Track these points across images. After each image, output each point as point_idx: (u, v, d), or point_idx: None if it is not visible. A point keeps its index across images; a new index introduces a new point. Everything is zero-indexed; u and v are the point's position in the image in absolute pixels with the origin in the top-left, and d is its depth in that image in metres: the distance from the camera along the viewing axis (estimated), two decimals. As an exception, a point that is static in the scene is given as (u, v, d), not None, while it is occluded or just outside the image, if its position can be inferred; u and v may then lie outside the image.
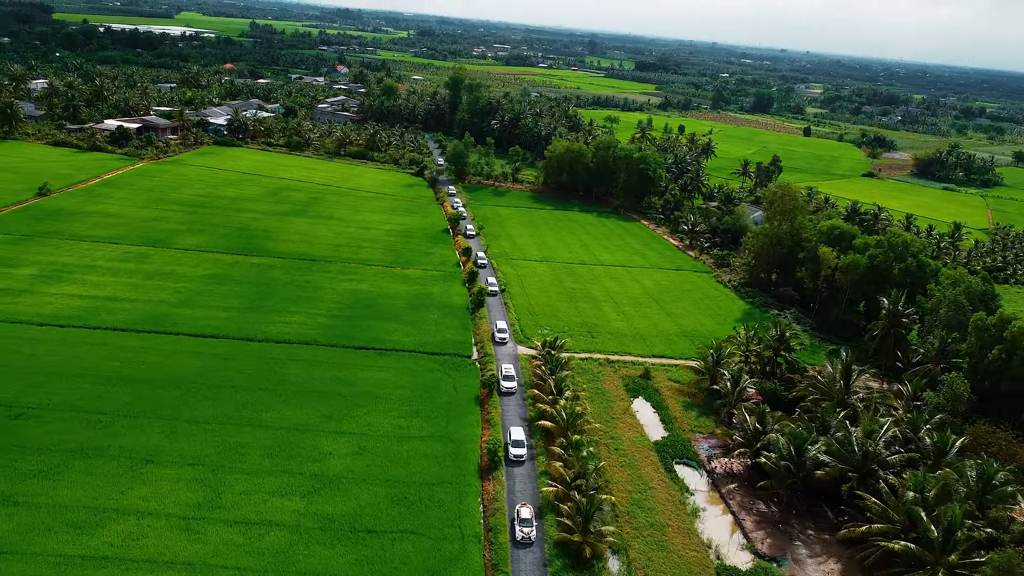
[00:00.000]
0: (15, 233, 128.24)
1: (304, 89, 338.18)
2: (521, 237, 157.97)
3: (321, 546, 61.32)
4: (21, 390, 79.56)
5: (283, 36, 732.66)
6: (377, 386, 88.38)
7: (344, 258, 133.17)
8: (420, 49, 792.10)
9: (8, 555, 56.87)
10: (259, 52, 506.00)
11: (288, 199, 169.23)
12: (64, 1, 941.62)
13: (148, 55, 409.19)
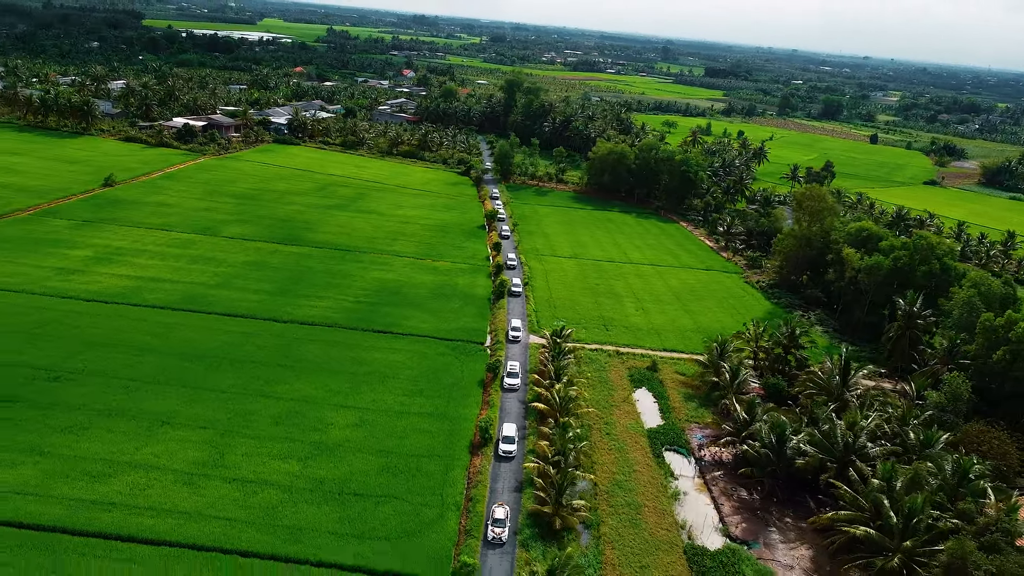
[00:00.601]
0: (78, 219, 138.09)
1: (366, 91, 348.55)
2: (555, 234, 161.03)
3: (309, 504, 65.88)
4: (62, 356, 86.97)
5: (357, 41, 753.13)
6: (387, 366, 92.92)
7: (378, 249, 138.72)
8: (489, 54, 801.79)
9: (30, 496, 63.17)
10: (330, 56, 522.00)
11: (335, 194, 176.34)
12: (156, 8, 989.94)
13: (224, 58, 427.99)
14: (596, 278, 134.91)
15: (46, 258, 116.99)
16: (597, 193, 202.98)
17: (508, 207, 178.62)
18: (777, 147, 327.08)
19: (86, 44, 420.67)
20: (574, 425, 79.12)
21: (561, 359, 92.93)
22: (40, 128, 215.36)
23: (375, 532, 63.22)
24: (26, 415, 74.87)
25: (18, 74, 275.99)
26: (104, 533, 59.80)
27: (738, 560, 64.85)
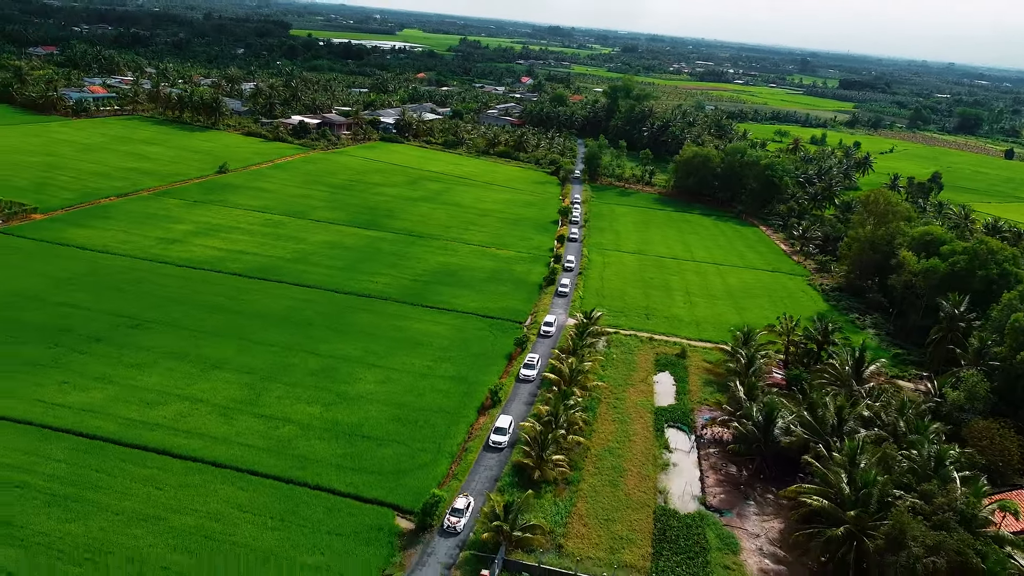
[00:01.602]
0: (189, 199, 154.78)
1: (479, 96, 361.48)
2: (625, 232, 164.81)
3: (320, 441, 74.35)
4: (144, 308, 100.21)
5: (485, 50, 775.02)
6: (424, 335, 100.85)
7: (449, 237, 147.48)
8: (616, 64, 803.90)
9: (92, 413, 74.87)
10: (454, 64, 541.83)
11: (423, 187, 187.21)
12: (305, 20, 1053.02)
13: (353, 64, 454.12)
14: (653, 273, 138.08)
15: (153, 230, 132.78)
16: (681, 196, 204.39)
17: (585, 205, 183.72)
18: (894, 159, 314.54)
19: (232, 50, 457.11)
20: (578, 394, 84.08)
21: (585, 338, 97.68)
22: (176, 122, 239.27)
23: (371, 468, 70.78)
24: (105, 352, 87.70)
25: (167, 75, 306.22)
26: (144, 446, 70.44)
27: (704, 524, 68.07)
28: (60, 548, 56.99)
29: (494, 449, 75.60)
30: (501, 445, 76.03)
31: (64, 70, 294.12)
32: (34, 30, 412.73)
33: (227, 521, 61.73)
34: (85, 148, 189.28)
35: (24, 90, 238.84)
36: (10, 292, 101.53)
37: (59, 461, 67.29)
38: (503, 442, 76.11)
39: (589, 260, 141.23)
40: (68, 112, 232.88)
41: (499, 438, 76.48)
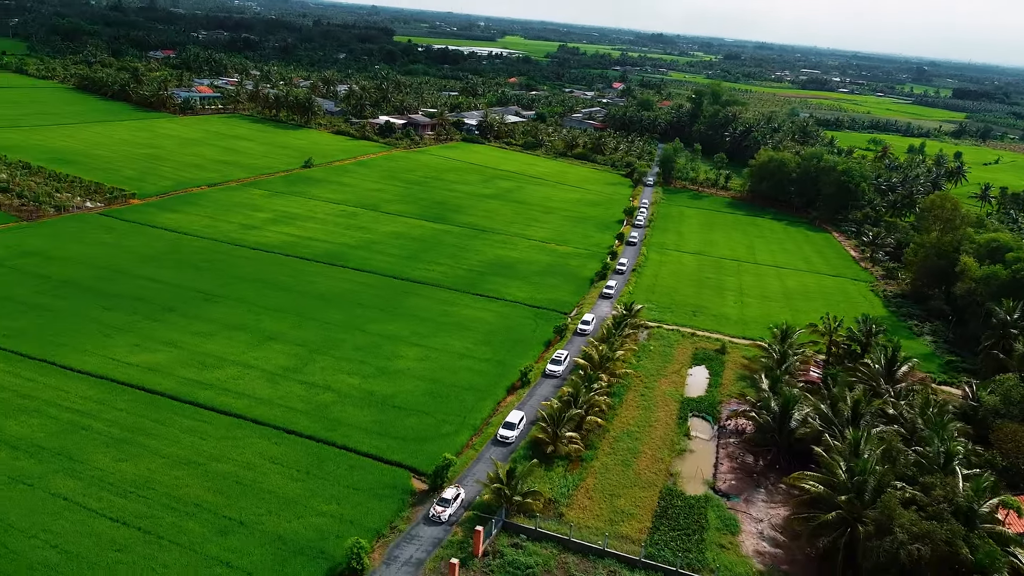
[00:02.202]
0: (272, 191, 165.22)
1: (565, 100, 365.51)
2: (688, 233, 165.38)
3: (354, 407, 79.98)
4: (216, 285, 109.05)
5: (582, 57, 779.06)
6: (469, 320, 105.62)
7: (511, 232, 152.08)
8: (715, 71, 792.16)
9: (155, 372, 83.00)
10: (548, 69, 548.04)
11: (495, 185, 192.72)
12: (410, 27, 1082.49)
13: (448, 68, 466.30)
14: (710, 273, 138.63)
15: (235, 216, 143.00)
16: (755, 200, 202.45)
17: (654, 206, 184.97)
18: (997, 171, 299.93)
19: (335, 55, 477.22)
20: (605, 380, 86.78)
21: (622, 329, 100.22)
22: (272, 120, 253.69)
23: (396, 434, 75.79)
24: (175, 320, 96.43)
25: (269, 77, 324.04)
26: (196, 402, 77.78)
27: (708, 506, 69.81)
28: (111, 482, 64.32)
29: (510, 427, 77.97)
30: (508, 440, 75.69)
31: (177, 72, 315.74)
32: (156, 35, 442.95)
33: (259, 471, 67.85)
34: (186, 142, 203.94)
35: (139, 89, 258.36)
36: (101, 266, 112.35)
37: (120, 410, 75.27)
38: (511, 437, 75.69)
39: (646, 258, 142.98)
40: (176, 110, 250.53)
41: (508, 432, 76.24)
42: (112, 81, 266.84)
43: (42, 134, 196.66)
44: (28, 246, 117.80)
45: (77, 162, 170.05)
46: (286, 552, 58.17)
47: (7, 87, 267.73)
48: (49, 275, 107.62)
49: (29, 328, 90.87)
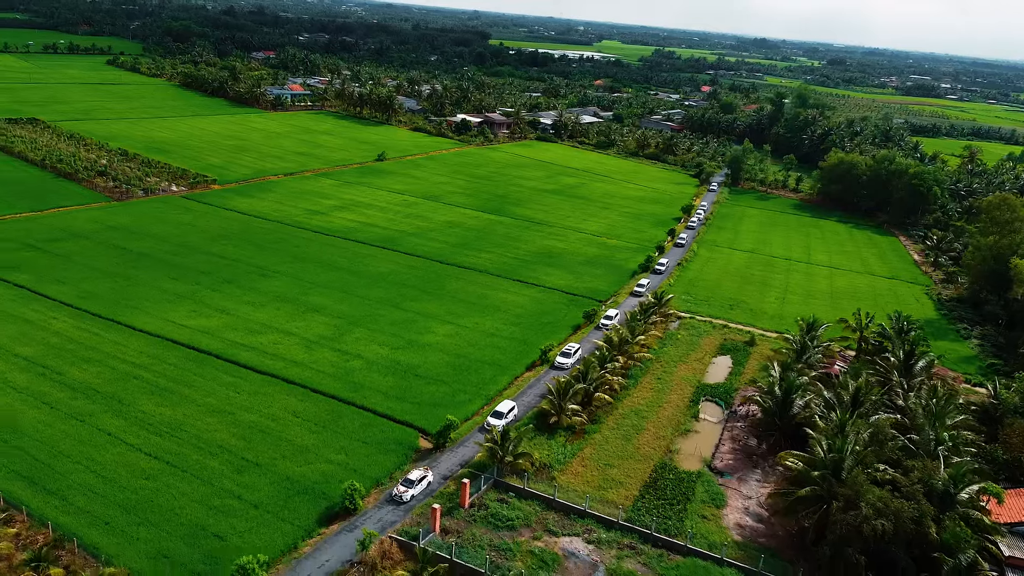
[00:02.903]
0: (342, 180, 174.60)
1: (648, 102, 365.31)
2: (745, 232, 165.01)
3: (378, 374, 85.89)
4: (274, 262, 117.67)
5: (676, 60, 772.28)
6: (504, 303, 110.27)
7: (565, 225, 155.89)
8: (815, 77, 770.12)
9: (206, 334, 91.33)
10: (637, 73, 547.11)
11: (558, 181, 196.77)
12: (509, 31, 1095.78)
13: (537, 71, 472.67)
14: (758, 270, 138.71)
15: (303, 203, 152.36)
16: (824, 203, 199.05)
17: (715, 206, 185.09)
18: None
19: (427, 57, 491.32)
20: (621, 361, 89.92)
21: (649, 316, 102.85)
22: (356, 117, 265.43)
23: (412, 399, 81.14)
24: (231, 291, 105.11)
25: (359, 77, 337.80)
26: (237, 362, 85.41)
27: (697, 481, 72.04)
28: (150, 423, 72.19)
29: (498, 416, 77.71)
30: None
31: (273, 71, 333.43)
32: (260, 37, 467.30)
33: (281, 422, 74.48)
34: (271, 135, 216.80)
35: (236, 86, 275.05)
36: (175, 242, 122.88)
37: (170, 364, 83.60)
38: (499, 425, 74.06)
39: (695, 254, 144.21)
40: (267, 106, 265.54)
41: (495, 421, 75.99)
42: (212, 79, 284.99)
43: (145, 125, 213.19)
44: (114, 222, 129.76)
45: (170, 151, 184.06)
46: (291, 491, 64.27)
47: (121, 84, 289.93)
48: (128, 248, 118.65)
49: (103, 292, 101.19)
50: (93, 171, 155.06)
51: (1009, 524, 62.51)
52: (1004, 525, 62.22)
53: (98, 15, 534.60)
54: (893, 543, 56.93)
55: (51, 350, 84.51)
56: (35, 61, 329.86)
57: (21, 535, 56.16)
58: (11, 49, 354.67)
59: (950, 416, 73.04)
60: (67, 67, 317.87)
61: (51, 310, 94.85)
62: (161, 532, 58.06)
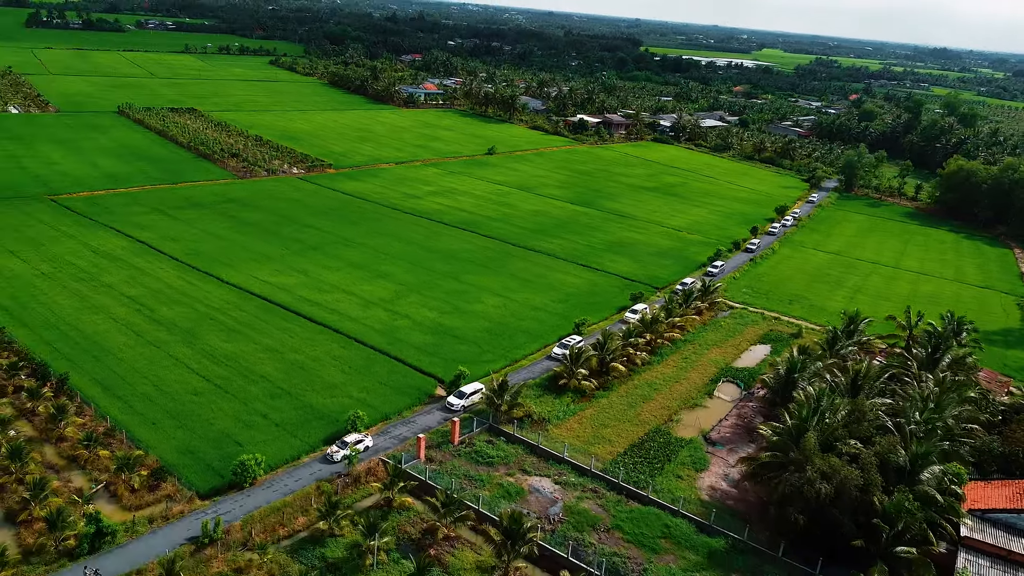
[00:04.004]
0: (447, 170, 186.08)
1: (782, 108, 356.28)
2: (839, 235, 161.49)
3: (419, 333, 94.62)
4: (359, 235, 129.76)
5: (835, 69, 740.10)
6: (558, 283, 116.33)
7: (649, 219, 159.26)
8: (990, 88, 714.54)
9: (281, 289, 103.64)
10: (782, 80, 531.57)
11: (659, 179, 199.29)
12: (667, 39, 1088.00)
13: (674, 76, 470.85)
14: (836, 271, 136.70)
15: (403, 187, 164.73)
16: (939, 212, 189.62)
17: (817, 209, 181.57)
18: None
19: (568, 62, 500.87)
20: (648, 337, 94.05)
21: (691, 302, 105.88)
22: (480, 115, 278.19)
23: (442, 355, 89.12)
24: (314, 257, 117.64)
25: (494, 79, 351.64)
26: (299, 312, 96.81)
27: (685, 446, 75.43)
28: (211, 354, 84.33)
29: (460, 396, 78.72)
30: (453, 407, 76.30)
31: (415, 71, 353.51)
32: (410, 41, 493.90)
33: (320, 363, 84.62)
34: (395, 128, 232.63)
35: (375, 85, 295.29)
36: (280, 214, 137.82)
37: (243, 311, 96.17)
38: (456, 405, 76.46)
39: (773, 251, 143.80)
40: (400, 103, 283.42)
41: (455, 400, 77.28)
42: (355, 77, 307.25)
43: (286, 117, 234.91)
44: (232, 195, 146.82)
45: (301, 139, 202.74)
46: (310, 416, 73.94)
47: (276, 81, 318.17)
48: (238, 216, 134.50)
49: (206, 250, 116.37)
50: (227, 153, 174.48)
51: (983, 510, 62.30)
52: (979, 511, 62.16)
53: (272, 21, 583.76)
54: (837, 507, 58.96)
55: (150, 292, 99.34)
56: (209, 61, 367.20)
57: (86, 425, 68.80)
58: (191, 50, 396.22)
59: (954, 406, 72.57)
60: (233, 66, 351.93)
61: (160, 262, 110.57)
62: (194, 435, 69.16)
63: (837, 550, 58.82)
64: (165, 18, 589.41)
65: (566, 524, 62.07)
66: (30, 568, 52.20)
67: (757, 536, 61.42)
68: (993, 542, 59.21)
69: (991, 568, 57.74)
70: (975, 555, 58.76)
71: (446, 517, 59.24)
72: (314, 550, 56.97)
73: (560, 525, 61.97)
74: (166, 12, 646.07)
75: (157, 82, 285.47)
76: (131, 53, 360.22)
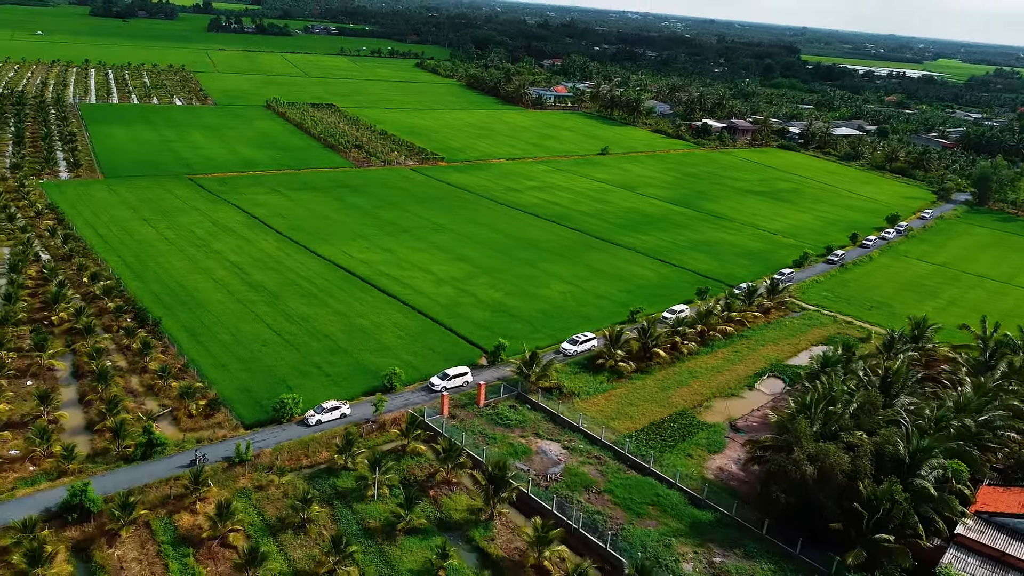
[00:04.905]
0: (555, 168, 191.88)
1: (930, 119, 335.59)
2: (950, 248, 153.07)
3: (479, 309, 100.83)
4: (451, 221, 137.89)
5: (1014, 80, 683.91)
6: (630, 275, 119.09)
7: (745, 222, 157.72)
8: None
9: (365, 263, 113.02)
10: (946, 90, 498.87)
11: (770, 185, 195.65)
12: (831, 47, 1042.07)
13: (820, 84, 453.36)
14: (933, 281, 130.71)
15: (507, 181, 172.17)
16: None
17: (937, 221, 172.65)
18: None
19: (711, 68, 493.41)
20: (699, 329, 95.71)
21: (754, 299, 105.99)
22: (605, 117, 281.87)
23: (495, 330, 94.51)
24: (403, 238, 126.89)
25: (627, 83, 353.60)
26: (374, 284, 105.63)
27: (705, 429, 77.02)
28: (288, 314, 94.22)
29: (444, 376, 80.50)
30: (435, 387, 78.45)
31: (550, 75, 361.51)
32: (553, 46, 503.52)
33: (381, 328, 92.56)
34: (515, 128, 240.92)
35: (506, 87, 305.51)
36: (382, 200, 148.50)
37: (325, 280, 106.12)
38: (438, 386, 78.46)
39: (870, 259, 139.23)
40: (528, 104, 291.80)
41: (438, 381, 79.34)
42: (489, 79, 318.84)
43: (415, 114, 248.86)
44: (346, 181, 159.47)
45: (422, 134, 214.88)
46: (357, 371, 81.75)
47: (416, 82, 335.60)
48: (345, 200, 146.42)
49: (308, 227, 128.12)
50: (351, 144, 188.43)
51: (991, 513, 60.91)
52: (986, 513, 60.88)
53: (427, 27, 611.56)
54: (823, 491, 59.70)
55: (250, 259, 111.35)
56: (359, 62, 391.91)
57: (166, 361, 79.73)
58: (346, 53, 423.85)
59: (987, 411, 70.51)
60: (380, 67, 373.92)
61: (266, 235, 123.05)
62: (254, 377, 78.57)
63: (821, 532, 59.47)
64: (330, 23, 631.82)
65: (560, 483, 66.07)
66: (94, 466, 62.46)
67: (748, 515, 62.83)
68: (990, 543, 57.94)
69: (980, 567, 56.64)
70: (966, 553, 57.75)
71: (446, 463, 64.90)
72: (328, 479, 64.21)
73: (555, 483, 66.04)
74: (333, 18, 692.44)
75: (308, 80, 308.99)
76: (292, 55, 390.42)
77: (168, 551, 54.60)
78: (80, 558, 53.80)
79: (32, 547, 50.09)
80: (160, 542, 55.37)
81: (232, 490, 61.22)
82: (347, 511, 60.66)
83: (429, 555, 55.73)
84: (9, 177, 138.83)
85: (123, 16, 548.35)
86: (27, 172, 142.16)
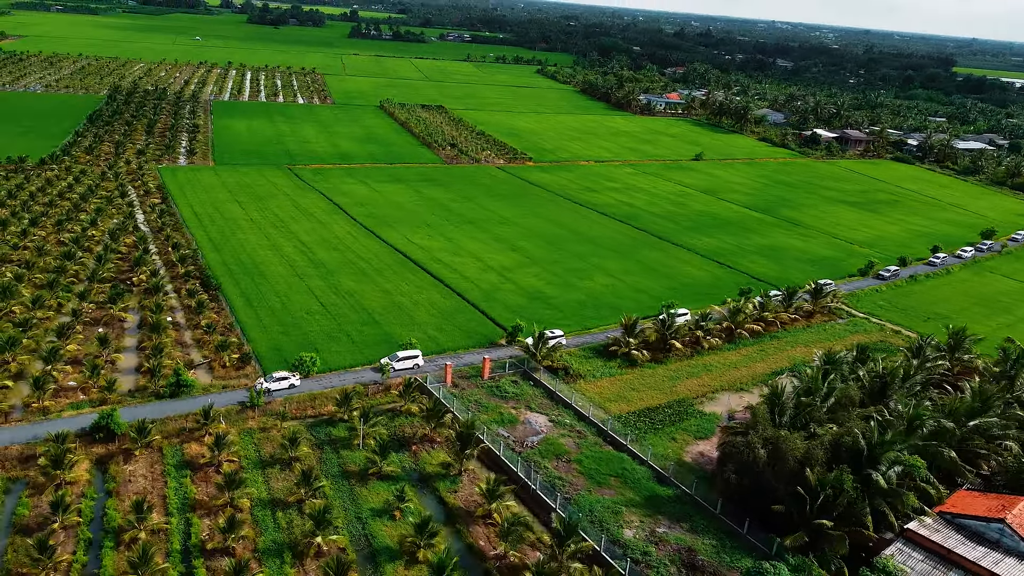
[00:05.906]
0: (640, 171, 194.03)
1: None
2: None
3: (517, 296, 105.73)
4: (519, 215, 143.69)
5: None
6: (679, 273, 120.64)
7: (822, 230, 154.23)
8: None
9: (421, 248, 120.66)
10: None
11: (868, 196, 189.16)
12: (997, 60, 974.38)
13: (966, 97, 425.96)
14: (1010, 297, 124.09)
15: (588, 182, 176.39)
16: None
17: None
18: None
19: (844, 79, 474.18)
20: (723, 325, 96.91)
21: (791, 300, 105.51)
22: (712, 125, 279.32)
23: (526, 315, 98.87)
24: (466, 228, 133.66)
25: (747, 91, 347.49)
26: (424, 267, 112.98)
27: (698, 416, 78.88)
28: (337, 289, 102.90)
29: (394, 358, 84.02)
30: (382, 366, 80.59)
31: (667, 82, 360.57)
32: (678, 55, 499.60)
33: (417, 306, 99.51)
34: (615, 132, 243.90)
35: (616, 93, 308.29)
36: (458, 193, 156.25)
37: (380, 261, 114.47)
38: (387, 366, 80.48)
39: (947, 271, 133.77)
40: (637, 110, 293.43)
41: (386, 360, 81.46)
42: (602, 85, 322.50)
43: (518, 117, 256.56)
44: (431, 176, 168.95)
45: (519, 135, 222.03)
46: (382, 340, 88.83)
47: (531, 87, 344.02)
48: (423, 192, 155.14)
49: (381, 215, 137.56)
50: (446, 143, 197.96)
51: (955, 514, 60.43)
52: (949, 514, 60.53)
53: (556, 35, 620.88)
54: (775, 475, 61.17)
55: (319, 240, 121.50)
56: (483, 68, 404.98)
57: (216, 320, 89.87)
58: (472, 59, 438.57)
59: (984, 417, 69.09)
60: (501, 73, 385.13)
61: (340, 220, 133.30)
62: (289, 338, 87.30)
63: (772, 515, 60.88)
64: (464, 31, 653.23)
65: (535, 451, 70.37)
66: (131, 399, 72.55)
67: (708, 495, 64.90)
68: (940, 541, 57.77)
69: (923, 562, 56.69)
70: (911, 547, 57.83)
71: (430, 421, 70.71)
72: (325, 429, 71.45)
73: (529, 450, 70.42)
74: (470, 27, 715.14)
75: (426, 83, 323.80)
76: (419, 60, 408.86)
77: (171, 471, 63.30)
78: (100, 469, 63.34)
79: (56, 453, 59.80)
80: (167, 464, 64.20)
81: (240, 428, 69.53)
82: (333, 455, 67.57)
83: (390, 497, 61.66)
84: (133, 161, 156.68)
85: (275, 23, 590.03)
86: (149, 157, 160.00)
